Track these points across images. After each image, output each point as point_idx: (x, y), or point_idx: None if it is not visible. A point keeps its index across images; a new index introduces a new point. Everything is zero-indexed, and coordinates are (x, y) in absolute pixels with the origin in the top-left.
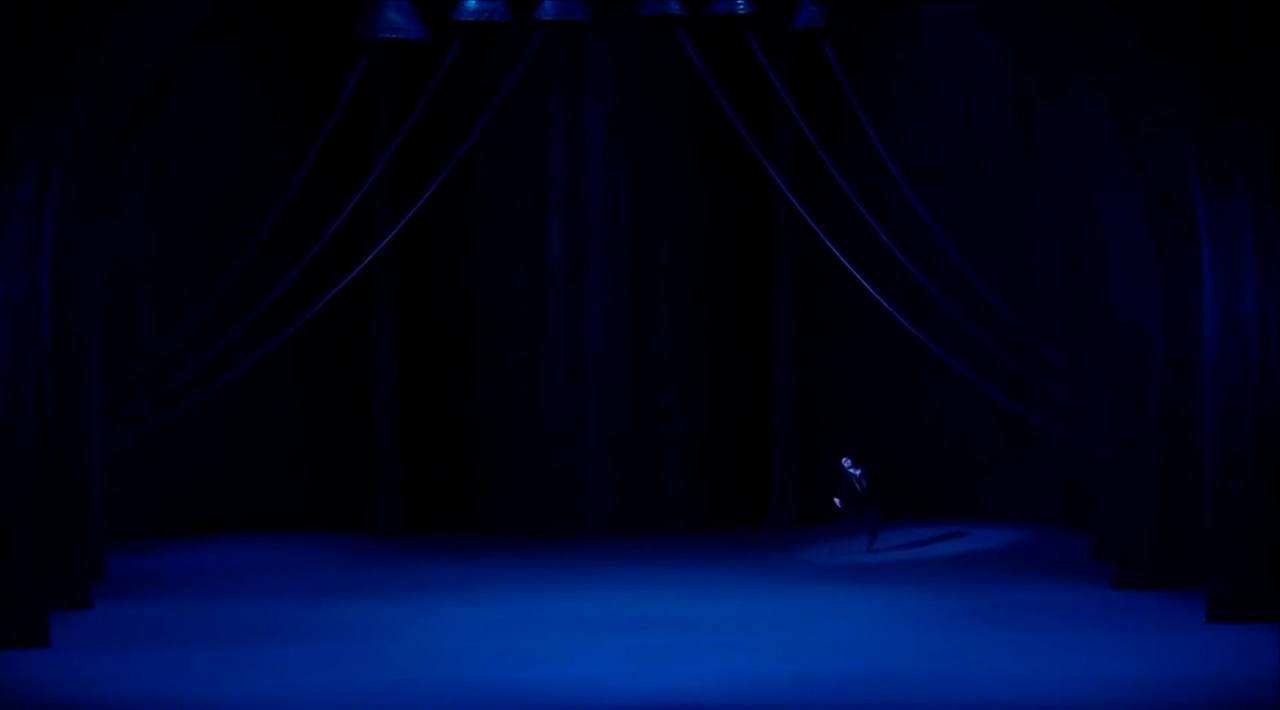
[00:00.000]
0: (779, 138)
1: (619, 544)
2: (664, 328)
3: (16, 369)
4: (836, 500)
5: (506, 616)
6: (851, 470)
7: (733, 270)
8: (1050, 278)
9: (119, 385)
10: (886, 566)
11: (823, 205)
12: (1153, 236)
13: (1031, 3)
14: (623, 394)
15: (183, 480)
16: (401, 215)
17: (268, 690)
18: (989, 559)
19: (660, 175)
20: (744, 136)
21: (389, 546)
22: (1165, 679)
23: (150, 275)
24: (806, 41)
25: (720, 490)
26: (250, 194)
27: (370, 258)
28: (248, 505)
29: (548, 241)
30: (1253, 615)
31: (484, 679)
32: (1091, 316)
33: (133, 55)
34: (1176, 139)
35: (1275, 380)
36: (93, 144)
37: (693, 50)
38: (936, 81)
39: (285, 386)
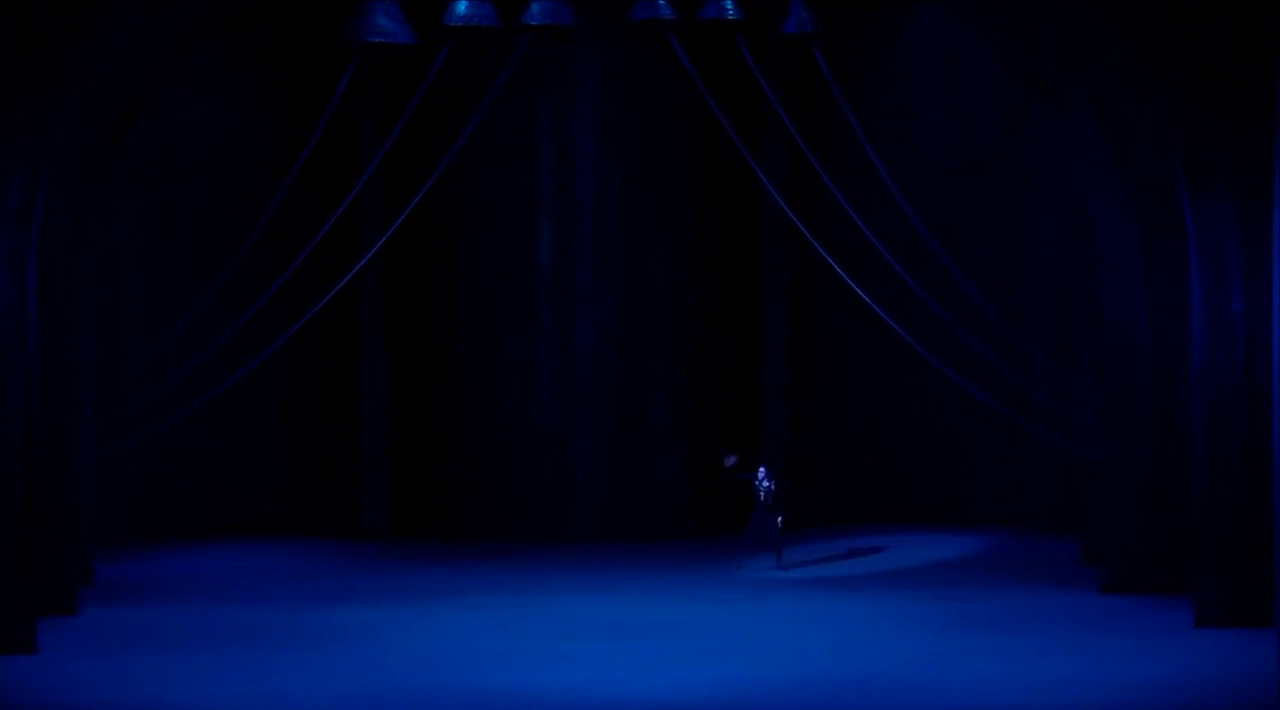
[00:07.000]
0: (769, 143)
1: (608, 549)
2: (654, 333)
3: (4, 374)
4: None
5: (496, 622)
6: (763, 481)
7: (723, 275)
8: (1041, 281)
9: (107, 391)
10: (877, 572)
11: (814, 210)
12: (1140, 239)
13: (1018, 6)
14: (612, 399)
15: (170, 485)
16: (391, 220)
17: (257, 696)
18: (977, 564)
19: (651, 181)
20: (735, 141)
21: (377, 552)
22: (1154, 683)
23: (140, 280)
24: (796, 47)
25: (710, 496)
26: (240, 198)
27: (361, 264)
28: (236, 511)
29: (537, 246)
30: (1241, 620)
31: (474, 684)
32: (1081, 320)
33: (122, 57)
34: (1164, 142)
35: (1263, 384)
36: (81, 147)
37: (684, 55)
38: (925, 86)
39: (273, 391)
